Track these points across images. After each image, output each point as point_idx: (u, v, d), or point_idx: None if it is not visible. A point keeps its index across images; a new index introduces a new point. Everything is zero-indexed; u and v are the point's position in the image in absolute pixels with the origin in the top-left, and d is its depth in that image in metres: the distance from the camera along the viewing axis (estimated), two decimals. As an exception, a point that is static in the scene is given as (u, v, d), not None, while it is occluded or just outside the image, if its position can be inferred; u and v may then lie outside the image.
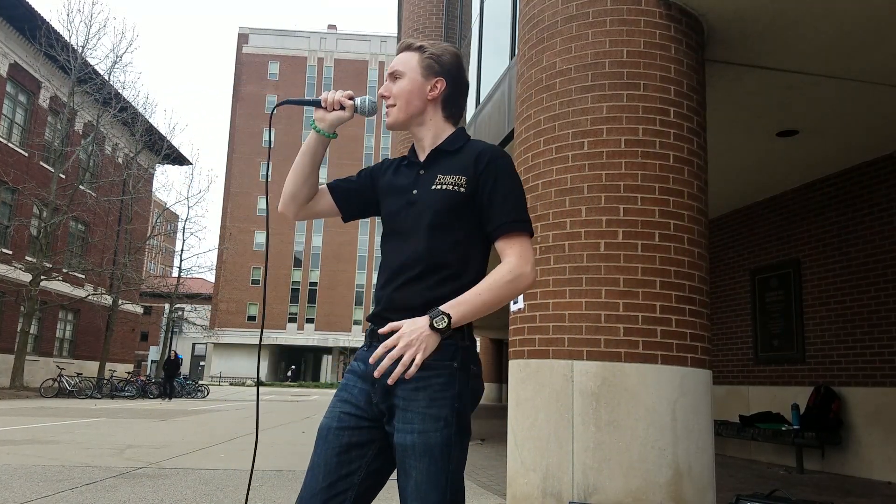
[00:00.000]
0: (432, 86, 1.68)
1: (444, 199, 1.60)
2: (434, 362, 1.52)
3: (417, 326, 1.48)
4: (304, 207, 1.79)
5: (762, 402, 7.99)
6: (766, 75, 5.04)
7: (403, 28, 11.37)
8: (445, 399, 1.52)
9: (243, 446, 7.85)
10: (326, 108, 1.72)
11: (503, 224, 1.58)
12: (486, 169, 1.60)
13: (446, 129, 1.71)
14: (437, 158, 1.67)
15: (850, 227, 7.06)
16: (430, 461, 1.50)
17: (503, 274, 1.53)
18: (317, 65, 68.82)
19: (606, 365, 3.61)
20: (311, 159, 1.75)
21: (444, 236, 1.59)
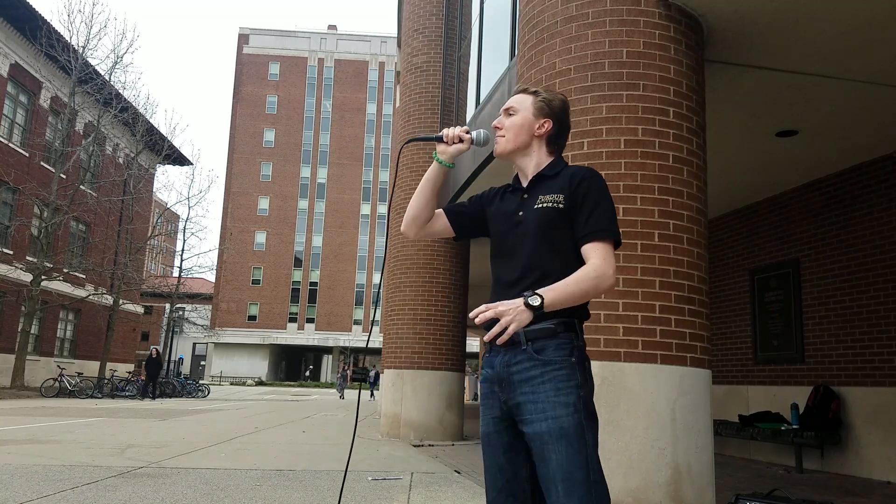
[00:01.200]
0: (540, 124, 1.93)
1: (546, 214, 1.82)
2: (554, 357, 1.73)
3: (514, 302, 1.65)
4: (423, 228, 2.03)
5: (761, 401, 8.00)
6: (765, 75, 5.05)
7: (403, 28, 11.38)
8: (570, 388, 1.70)
9: (243, 446, 7.86)
10: (447, 143, 1.95)
11: (590, 232, 1.78)
12: (580, 185, 1.82)
13: (545, 159, 1.94)
14: (538, 183, 1.90)
15: (849, 227, 7.07)
16: (566, 443, 1.65)
17: (588, 272, 1.72)
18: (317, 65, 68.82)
19: (606, 364, 3.61)
20: (432, 186, 1.99)
21: (548, 247, 1.80)
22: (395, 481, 5.47)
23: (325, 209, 66.35)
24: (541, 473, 1.68)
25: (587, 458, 1.65)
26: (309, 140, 67.44)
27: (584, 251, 1.78)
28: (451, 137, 1.94)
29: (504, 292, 1.81)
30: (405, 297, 9.82)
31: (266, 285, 64.12)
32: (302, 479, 5.46)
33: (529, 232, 1.83)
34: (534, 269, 1.79)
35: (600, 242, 1.77)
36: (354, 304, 65.30)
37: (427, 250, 9.91)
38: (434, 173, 1.98)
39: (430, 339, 9.62)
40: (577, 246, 1.80)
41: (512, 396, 1.75)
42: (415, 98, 10.43)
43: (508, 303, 1.65)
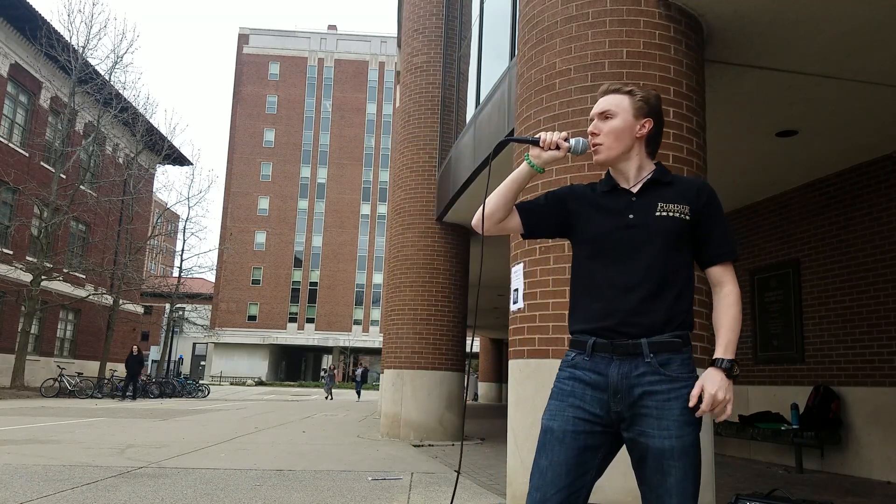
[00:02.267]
0: (641, 125, 1.89)
1: (674, 224, 1.82)
2: (681, 374, 1.77)
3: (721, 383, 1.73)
4: (496, 225, 2.00)
5: (761, 401, 8.00)
6: (765, 75, 5.05)
7: (403, 28, 11.38)
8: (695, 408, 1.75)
9: (244, 446, 7.86)
10: (543, 147, 1.90)
11: (722, 253, 1.85)
12: (708, 202, 1.86)
13: (647, 162, 1.93)
14: (652, 188, 1.88)
15: (849, 227, 7.07)
16: (686, 461, 1.72)
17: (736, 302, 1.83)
18: (317, 65, 68.81)
19: (606, 365, 3.61)
20: (517, 187, 1.95)
21: (674, 257, 1.82)
22: (395, 481, 5.47)
23: (325, 209, 66.34)
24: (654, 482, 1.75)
25: (697, 473, 1.74)
26: (309, 140, 67.44)
27: (713, 272, 1.85)
28: (547, 143, 1.90)
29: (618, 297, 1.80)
30: (405, 297, 9.82)
31: (266, 285, 64.11)
32: (302, 479, 5.46)
33: (651, 238, 1.81)
34: (656, 275, 1.79)
35: (729, 264, 1.85)
36: (354, 304, 65.29)
37: (427, 250, 9.91)
38: (522, 174, 1.94)
39: (430, 339, 9.62)
40: (703, 264, 1.87)
41: (632, 408, 1.76)
42: (415, 98, 10.43)
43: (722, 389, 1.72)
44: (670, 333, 1.78)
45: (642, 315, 1.78)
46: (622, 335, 1.78)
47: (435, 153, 10.22)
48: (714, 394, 1.71)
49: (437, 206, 9.97)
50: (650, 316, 1.78)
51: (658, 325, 1.78)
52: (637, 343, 1.77)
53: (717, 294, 1.85)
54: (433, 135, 10.26)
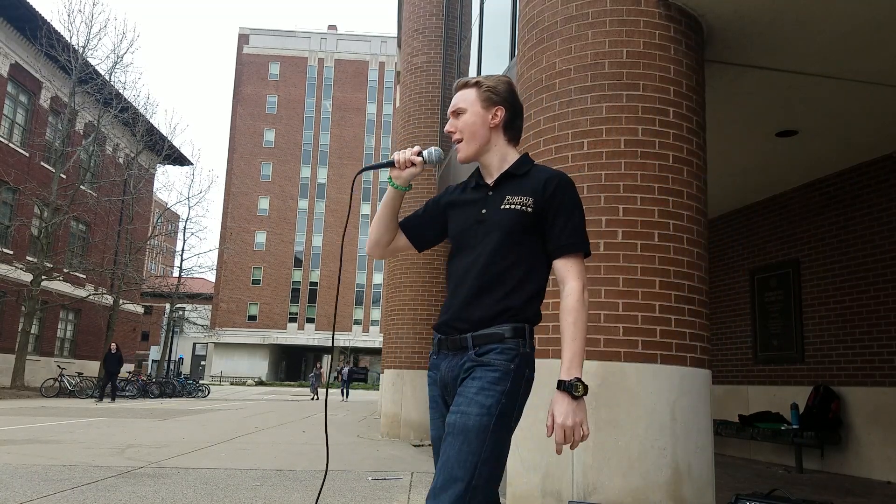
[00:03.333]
0: (493, 115, 1.86)
1: (514, 217, 1.77)
2: (496, 360, 1.70)
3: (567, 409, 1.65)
4: (386, 249, 2.01)
5: (761, 401, 8.00)
6: (765, 75, 5.05)
7: (403, 28, 11.38)
8: (494, 392, 1.67)
9: (244, 446, 7.87)
10: (400, 168, 1.90)
11: (563, 245, 1.76)
12: (554, 192, 1.78)
13: (510, 151, 1.89)
14: (505, 181, 1.84)
15: (849, 227, 7.07)
16: (464, 440, 1.61)
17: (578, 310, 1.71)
18: (317, 65, 68.81)
19: (606, 364, 3.61)
20: (390, 211, 1.96)
21: (512, 251, 1.76)
22: (395, 481, 5.48)
23: (325, 209, 66.34)
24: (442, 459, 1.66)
25: (477, 463, 1.60)
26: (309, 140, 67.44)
27: (556, 266, 1.78)
28: (402, 163, 1.89)
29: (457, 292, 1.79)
30: (405, 297, 9.82)
31: (266, 285, 64.11)
32: (302, 478, 5.47)
33: (493, 233, 1.78)
34: (490, 270, 1.76)
35: (574, 257, 1.77)
36: (355, 304, 65.30)
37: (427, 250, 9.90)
38: (391, 197, 1.94)
39: (430, 339, 9.61)
40: (549, 256, 1.79)
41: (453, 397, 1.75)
42: (415, 98, 10.43)
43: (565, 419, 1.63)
44: (498, 326, 1.72)
45: (471, 309, 1.75)
46: (455, 330, 1.77)
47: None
48: (562, 423, 1.63)
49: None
50: (479, 310, 1.74)
51: (486, 319, 1.73)
52: (465, 338, 1.74)
53: (560, 293, 1.78)
54: (433, 135, 10.27)
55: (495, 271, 1.76)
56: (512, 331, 1.73)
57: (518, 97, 1.93)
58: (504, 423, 1.67)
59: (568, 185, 1.81)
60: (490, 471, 1.61)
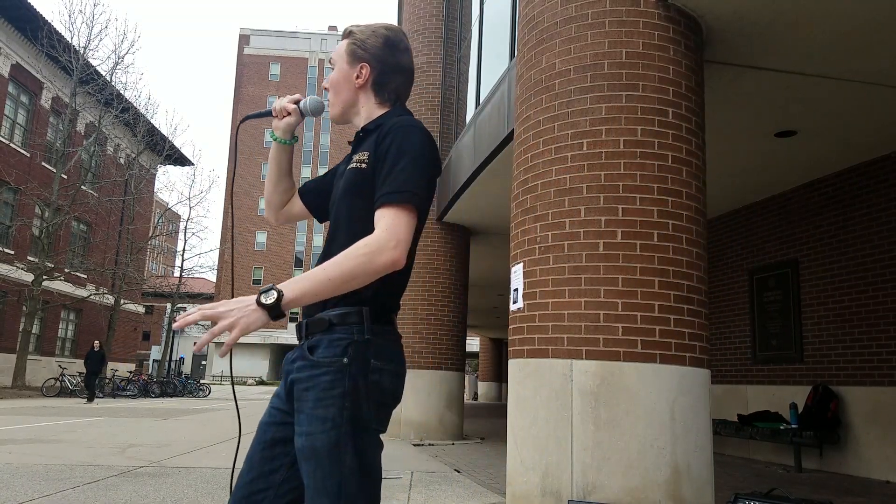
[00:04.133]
0: (357, 73, 1.61)
1: (352, 177, 1.52)
2: (322, 359, 1.42)
3: (243, 301, 1.30)
4: (280, 212, 1.79)
5: (760, 401, 8.01)
6: (764, 76, 5.06)
7: (403, 29, 11.40)
8: (332, 398, 1.39)
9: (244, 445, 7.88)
10: (277, 117, 1.72)
11: (381, 195, 1.42)
12: (383, 140, 1.48)
13: (378, 110, 1.62)
14: (361, 140, 1.60)
15: (848, 228, 7.08)
16: (316, 465, 1.37)
17: (358, 247, 1.36)
18: (318, 66, 68.84)
19: (605, 364, 3.63)
20: (276, 166, 1.76)
21: (352, 220, 1.50)
22: (396, 480, 5.49)
23: (325, 209, 66.38)
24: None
25: (339, 483, 1.36)
26: (309, 140, 67.49)
27: (375, 217, 1.42)
28: (278, 111, 1.71)
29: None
30: (405, 297, 9.84)
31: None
32: (302, 478, 5.47)
33: (338, 199, 1.55)
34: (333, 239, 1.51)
35: (391, 208, 1.40)
36: (355, 304, 65.31)
37: (427, 250, 9.92)
38: (273, 152, 1.75)
39: (430, 339, 9.64)
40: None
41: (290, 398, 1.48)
42: (415, 98, 10.44)
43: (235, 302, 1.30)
44: (329, 310, 1.45)
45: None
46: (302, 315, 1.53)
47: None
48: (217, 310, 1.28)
49: (437, 206, 9.99)
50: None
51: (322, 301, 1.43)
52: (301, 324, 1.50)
53: None
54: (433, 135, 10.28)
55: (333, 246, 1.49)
56: (340, 316, 1.43)
57: (395, 52, 1.62)
58: (356, 429, 1.39)
59: (399, 128, 1.48)
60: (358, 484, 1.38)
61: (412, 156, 1.45)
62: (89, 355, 18.86)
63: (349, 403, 1.39)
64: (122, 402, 19.02)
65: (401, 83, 1.64)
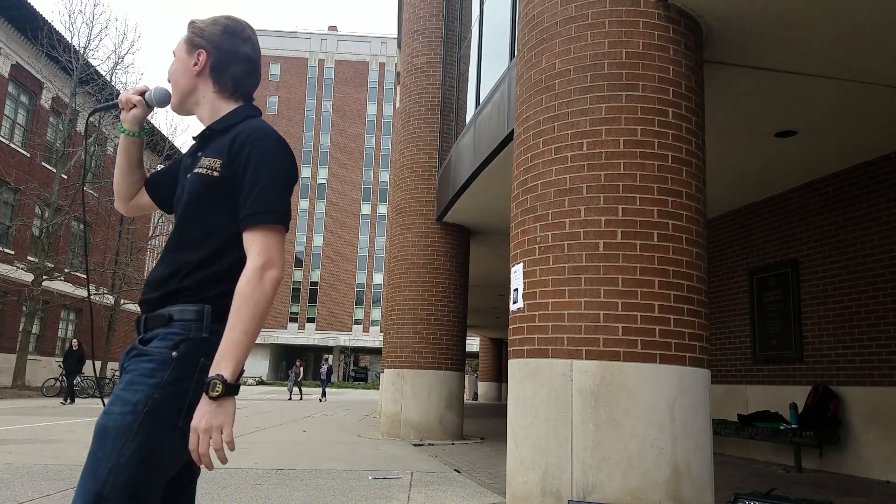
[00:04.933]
0: (195, 60, 1.62)
1: (198, 182, 1.52)
2: (151, 349, 1.44)
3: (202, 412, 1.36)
4: (129, 204, 1.79)
5: (760, 401, 8.01)
6: (764, 76, 5.07)
7: (403, 29, 11.40)
8: (144, 385, 1.39)
9: (245, 445, 7.88)
10: (124, 109, 1.70)
11: (247, 216, 1.46)
12: (241, 150, 1.50)
13: (222, 105, 1.63)
14: (207, 139, 1.60)
15: (848, 228, 7.09)
16: (99, 445, 1.35)
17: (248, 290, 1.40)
18: (317, 66, 68.84)
19: (605, 364, 3.63)
20: (124, 159, 1.75)
21: (198, 224, 1.52)
22: (396, 480, 5.49)
23: (325, 209, 66.38)
24: None
25: (111, 470, 1.32)
26: (309, 140, 67.47)
27: (244, 239, 1.47)
28: (124, 103, 1.68)
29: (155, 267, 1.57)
30: (405, 297, 9.84)
31: (266, 285, 64.12)
32: (303, 478, 5.48)
33: (183, 201, 1.55)
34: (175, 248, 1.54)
35: (260, 231, 1.45)
36: (355, 303, 65.31)
37: (427, 250, 9.93)
38: (122, 145, 1.73)
39: (430, 339, 9.64)
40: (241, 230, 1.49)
41: None
42: (415, 99, 10.45)
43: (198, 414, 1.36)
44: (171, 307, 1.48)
45: (154, 287, 1.53)
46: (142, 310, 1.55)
47: (435, 153, 10.24)
48: (194, 426, 1.36)
49: (437, 206, 9.99)
50: (160, 288, 1.51)
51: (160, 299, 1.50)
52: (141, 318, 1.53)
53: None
54: (433, 135, 10.28)
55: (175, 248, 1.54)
56: (180, 312, 1.46)
57: (235, 39, 1.64)
58: (156, 422, 1.36)
59: (257, 140, 1.50)
60: (126, 480, 1.32)
61: (273, 172, 1.48)
62: (68, 355, 17.74)
63: (158, 395, 1.39)
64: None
65: (240, 73, 1.64)
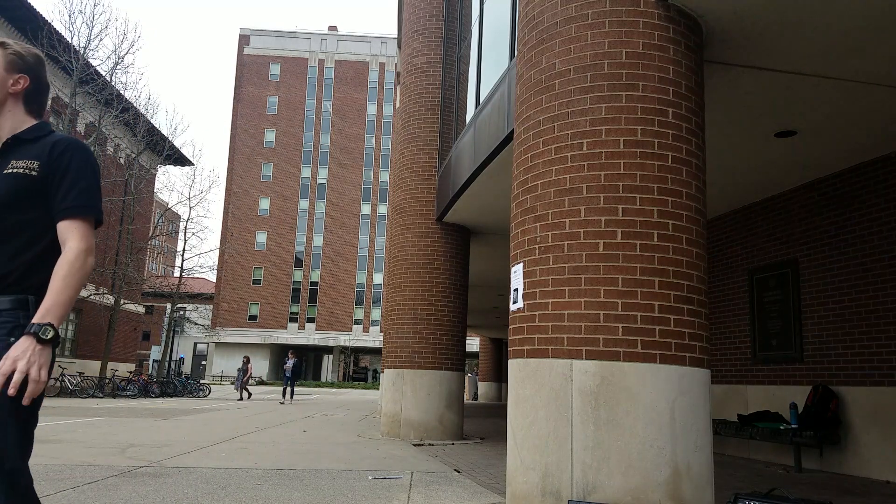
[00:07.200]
0: (15, 80, 1.81)
1: (14, 181, 1.71)
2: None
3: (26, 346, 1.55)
4: None
5: (760, 401, 8.01)
6: (764, 76, 5.07)
7: (403, 29, 11.40)
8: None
9: (245, 445, 7.88)
10: None
11: (69, 207, 1.71)
12: (62, 155, 1.74)
13: (27, 120, 1.83)
14: (14, 146, 1.78)
15: (847, 228, 7.09)
16: None
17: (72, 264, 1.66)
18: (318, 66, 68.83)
19: (605, 364, 3.63)
20: None
21: (12, 219, 1.70)
22: (396, 480, 5.49)
23: (325, 209, 66.37)
24: None
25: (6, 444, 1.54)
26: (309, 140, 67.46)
27: (60, 228, 1.72)
28: None
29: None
30: (405, 297, 9.84)
31: (267, 285, 64.15)
32: (302, 478, 5.48)
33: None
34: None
35: (77, 220, 1.72)
36: (355, 303, 65.31)
37: (427, 250, 9.93)
38: None
39: (430, 339, 9.64)
40: (55, 221, 1.73)
41: None
42: (415, 98, 10.44)
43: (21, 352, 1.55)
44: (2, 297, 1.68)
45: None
46: None
47: (435, 153, 10.24)
48: (14, 356, 1.54)
49: (437, 206, 9.99)
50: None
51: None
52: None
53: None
54: (433, 135, 10.28)
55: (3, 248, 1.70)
56: (11, 302, 1.67)
57: (45, 74, 1.89)
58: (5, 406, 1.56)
59: (77, 148, 1.77)
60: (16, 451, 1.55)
61: (90, 175, 1.76)
62: None
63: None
64: (122, 402, 19.02)
65: (45, 99, 1.89)
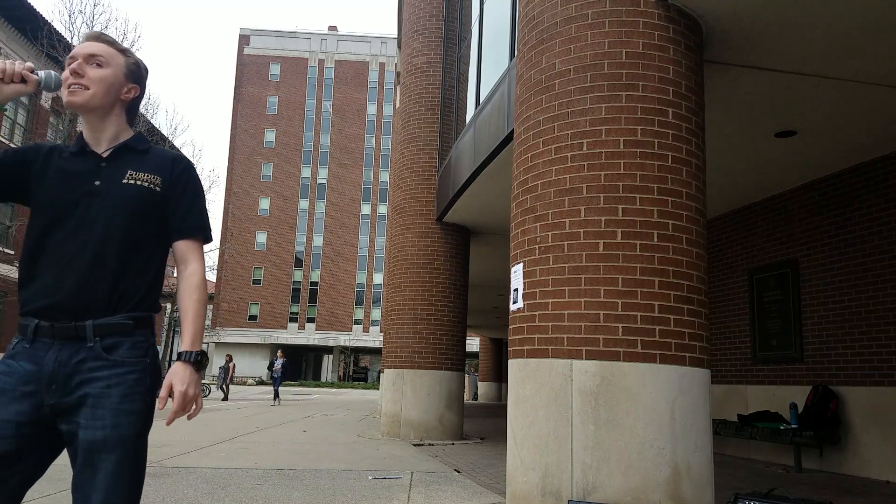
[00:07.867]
0: (129, 89, 1.81)
1: (141, 194, 1.70)
2: (127, 358, 1.62)
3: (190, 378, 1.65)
4: None
5: (760, 401, 8.02)
6: (764, 76, 5.07)
7: (403, 29, 11.40)
8: (138, 394, 1.62)
9: (245, 445, 7.88)
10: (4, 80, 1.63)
11: (187, 228, 1.76)
12: (183, 173, 1.77)
13: (126, 129, 1.81)
14: (123, 154, 1.74)
15: (848, 228, 7.09)
16: (122, 453, 1.57)
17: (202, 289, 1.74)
18: (318, 66, 68.84)
19: (605, 364, 3.63)
20: None
21: (139, 230, 1.68)
22: (396, 480, 5.50)
23: (325, 209, 66.39)
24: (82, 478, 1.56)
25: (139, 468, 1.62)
26: (309, 140, 67.47)
27: (178, 247, 1.75)
28: (9, 74, 1.62)
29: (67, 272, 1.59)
30: (405, 297, 9.84)
31: (267, 285, 64.16)
32: (302, 478, 5.48)
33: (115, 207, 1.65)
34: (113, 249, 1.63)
35: (196, 242, 1.77)
36: (355, 303, 65.32)
37: (427, 250, 9.93)
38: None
39: (430, 339, 9.64)
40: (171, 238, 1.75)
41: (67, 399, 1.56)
42: (415, 99, 10.45)
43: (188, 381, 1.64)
44: (123, 315, 1.62)
45: (90, 292, 1.59)
46: (66, 315, 1.58)
47: (435, 153, 10.24)
48: (184, 391, 1.62)
49: (437, 206, 10.00)
50: (99, 293, 1.60)
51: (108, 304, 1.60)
52: (81, 325, 1.58)
53: (181, 273, 1.74)
54: (433, 135, 10.29)
55: (123, 252, 1.64)
56: (140, 321, 1.66)
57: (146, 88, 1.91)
58: (150, 420, 1.68)
59: (193, 168, 1.82)
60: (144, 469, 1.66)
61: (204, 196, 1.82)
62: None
63: (149, 400, 1.65)
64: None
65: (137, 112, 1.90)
